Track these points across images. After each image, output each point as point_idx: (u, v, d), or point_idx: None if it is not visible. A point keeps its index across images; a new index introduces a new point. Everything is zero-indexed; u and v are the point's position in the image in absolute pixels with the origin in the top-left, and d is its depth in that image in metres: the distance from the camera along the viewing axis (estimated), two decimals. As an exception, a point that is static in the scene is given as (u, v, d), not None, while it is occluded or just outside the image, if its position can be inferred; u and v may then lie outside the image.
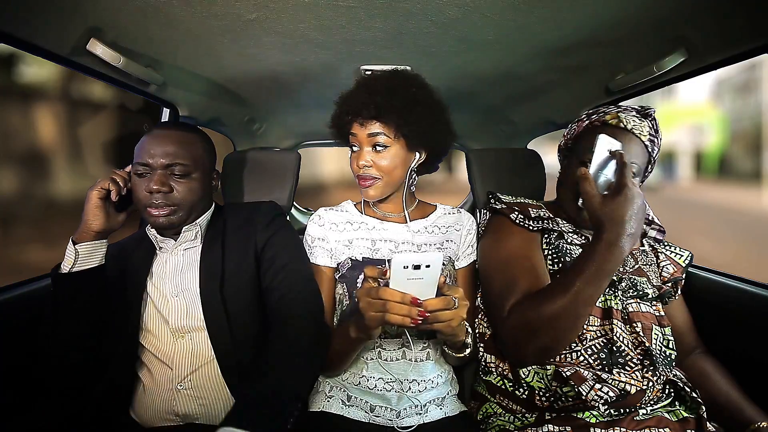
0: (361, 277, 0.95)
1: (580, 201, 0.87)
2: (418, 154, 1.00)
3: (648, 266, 0.98)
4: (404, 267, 0.67)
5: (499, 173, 1.36)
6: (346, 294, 0.99)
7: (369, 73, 1.19)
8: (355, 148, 0.99)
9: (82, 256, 0.86)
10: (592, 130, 0.93)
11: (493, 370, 0.94)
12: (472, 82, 1.34)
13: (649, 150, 0.91)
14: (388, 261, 0.68)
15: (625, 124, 0.90)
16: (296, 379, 0.81)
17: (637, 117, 0.92)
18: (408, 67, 1.17)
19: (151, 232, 0.97)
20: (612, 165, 0.84)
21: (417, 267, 0.67)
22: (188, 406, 0.88)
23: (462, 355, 0.90)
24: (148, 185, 0.89)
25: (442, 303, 0.71)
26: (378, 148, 0.95)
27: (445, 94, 1.02)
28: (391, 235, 1.03)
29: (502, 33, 0.98)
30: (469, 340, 0.88)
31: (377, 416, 0.92)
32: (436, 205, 1.12)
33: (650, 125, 0.91)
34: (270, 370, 0.80)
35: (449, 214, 1.10)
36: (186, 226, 0.96)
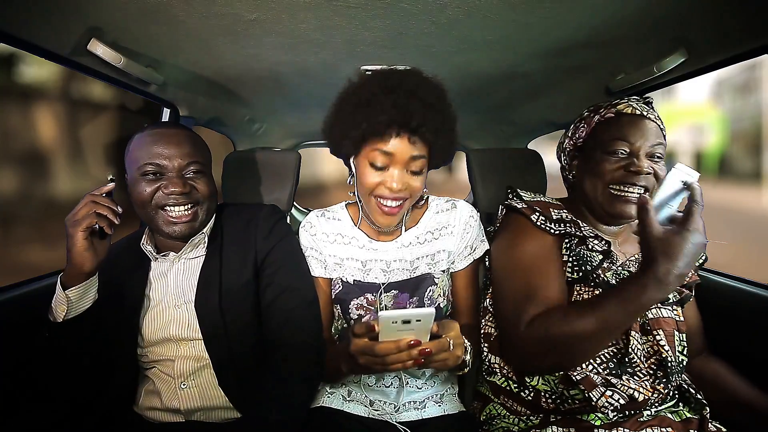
0: (354, 302, 0.95)
1: (634, 228, 0.78)
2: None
3: None
4: (393, 322, 0.66)
5: (499, 173, 1.36)
6: (340, 316, 0.99)
7: (369, 73, 1.18)
8: (377, 166, 0.85)
9: (75, 301, 0.79)
10: (606, 123, 0.90)
11: (498, 371, 0.93)
12: (473, 82, 1.34)
13: (664, 133, 0.89)
14: (376, 312, 0.66)
15: (640, 111, 0.88)
16: (291, 412, 0.81)
17: (643, 104, 0.90)
18: (408, 68, 1.17)
19: (147, 249, 0.92)
20: (680, 197, 0.76)
21: (407, 321, 0.66)
22: (191, 404, 0.88)
23: (461, 372, 0.87)
24: (168, 188, 0.84)
25: (437, 347, 0.69)
26: (414, 172, 0.86)
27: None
28: (382, 255, 0.99)
29: (503, 33, 0.97)
30: (468, 357, 0.83)
31: (376, 410, 0.93)
32: (428, 201, 1.04)
33: (654, 110, 0.90)
34: (265, 403, 0.80)
35: (441, 212, 1.02)
36: (195, 237, 0.91)
